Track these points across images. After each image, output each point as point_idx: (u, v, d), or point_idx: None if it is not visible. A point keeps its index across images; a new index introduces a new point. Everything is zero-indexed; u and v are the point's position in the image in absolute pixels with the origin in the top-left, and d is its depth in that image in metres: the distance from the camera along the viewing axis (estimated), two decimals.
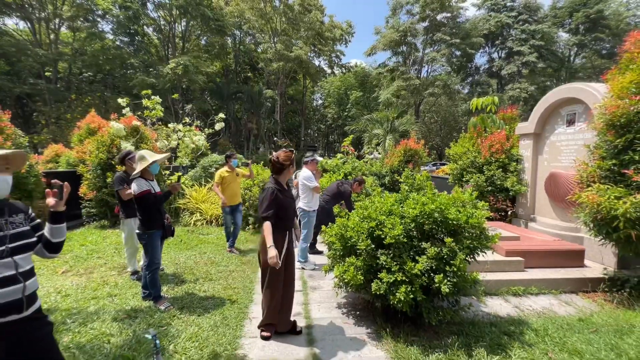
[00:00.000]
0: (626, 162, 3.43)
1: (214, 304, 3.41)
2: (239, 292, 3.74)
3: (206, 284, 3.92)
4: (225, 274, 4.29)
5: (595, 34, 29.07)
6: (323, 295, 3.80)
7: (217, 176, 5.19)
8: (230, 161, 5.31)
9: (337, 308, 3.46)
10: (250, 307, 3.41)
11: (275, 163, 2.81)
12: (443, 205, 2.85)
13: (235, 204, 5.28)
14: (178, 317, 3.13)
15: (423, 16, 28.55)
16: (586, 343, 2.66)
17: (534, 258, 4.26)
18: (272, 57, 27.67)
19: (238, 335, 2.85)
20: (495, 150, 6.41)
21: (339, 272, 3.06)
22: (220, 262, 4.77)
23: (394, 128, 17.48)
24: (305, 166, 4.77)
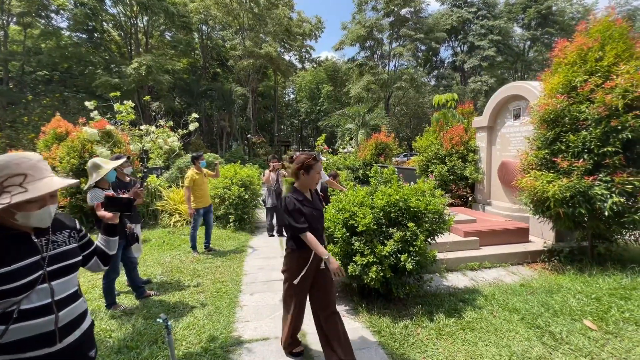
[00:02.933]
0: (556, 151, 4.07)
1: (206, 297, 3.69)
2: (228, 284, 4.03)
3: (195, 280, 4.18)
4: (212, 270, 4.55)
5: (546, 28, 31.33)
6: None
7: (188, 180, 5.13)
8: (198, 162, 5.35)
9: None
10: (239, 296, 3.73)
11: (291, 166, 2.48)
12: (406, 195, 3.31)
13: (207, 206, 5.39)
14: (172, 311, 3.39)
15: (387, 11, 29.35)
16: (523, 302, 3.25)
17: (488, 237, 4.89)
18: (241, 54, 27.34)
19: (231, 320, 3.17)
20: (456, 142, 7.06)
21: None
22: (205, 259, 5.01)
23: (366, 122, 18.11)
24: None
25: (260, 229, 7.06)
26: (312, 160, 2.38)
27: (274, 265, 4.81)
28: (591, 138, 3.70)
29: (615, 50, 3.82)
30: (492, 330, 2.84)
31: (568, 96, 4.01)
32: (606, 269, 3.86)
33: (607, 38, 3.94)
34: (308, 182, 2.40)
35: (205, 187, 5.44)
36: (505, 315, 3.05)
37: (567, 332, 2.73)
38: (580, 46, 4.07)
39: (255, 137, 29.31)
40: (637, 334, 2.66)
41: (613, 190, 3.56)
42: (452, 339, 2.74)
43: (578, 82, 3.92)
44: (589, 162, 3.73)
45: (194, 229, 5.29)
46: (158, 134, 9.44)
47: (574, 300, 3.20)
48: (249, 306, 3.51)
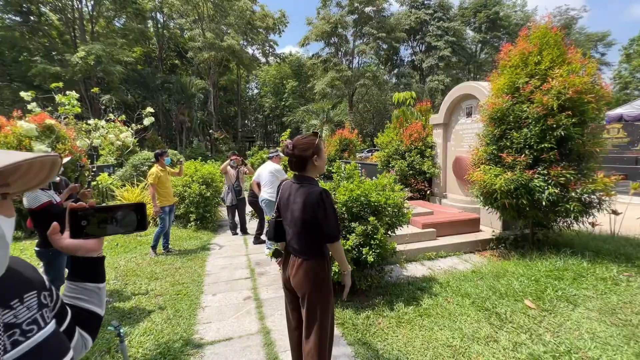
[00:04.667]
0: (502, 147, 4.42)
1: (165, 300, 3.53)
2: (188, 286, 3.89)
3: (153, 283, 3.98)
4: (171, 272, 4.36)
5: (494, 32, 33.63)
6: (270, 279, 4.17)
7: (153, 177, 4.95)
8: (162, 159, 5.17)
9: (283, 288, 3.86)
10: (201, 297, 3.62)
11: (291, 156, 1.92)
12: (367, 190, 3.41)
13: (171, 204, 5.23)
14: (127, 317, 3.20)
15: (351, 9, 29.69)
16: (474, 287, 3.51)
17: (444, 228, 5.20)
18: (201, 46, 26.17)
19: (192, 323, 3.07)
20: (414, 138, 7.38)
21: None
22: (164, 261, 4.79)
23: (330, 118, 18.28)
24: (271, 160, 5.19)
25: (224, 227, 6.88)
26: (319, 139, 1.97)
27: (238, 264, 4.73)
28: (531, 135, 4.06)
29: (551, 55, 4.21)
30: (447, 315, 3.03)
31: (512, 96, 4.36)
32: (544, 253, 4.28)
33: (544, 44, 4.33)
34: (323, 166, 1.98)
35: (169, 185, 5.30)
36: (458, 301, 3.27)
37: (510, 312, 3.00)
38: (522, 50, 4.43)
39: (218, 132, 28.33)
40: (567, 309, 3.00)
41: (549, 182, 3.95)
42: (410, 326, 2.88)
43: (520, 84, 4.27)
44: (529, 157, 4.10)
45: (161, 228, 5.09)
46: (109, 129, 8.77)
47: (516, 283, 3.51)
48: (211, 307, 3.42)
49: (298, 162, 1.92)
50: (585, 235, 4.95)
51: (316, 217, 1.83)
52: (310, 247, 1.91)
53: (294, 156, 1.91)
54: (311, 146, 1.91)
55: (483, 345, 2.58)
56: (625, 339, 2.53)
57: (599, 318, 2.84)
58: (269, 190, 4.92)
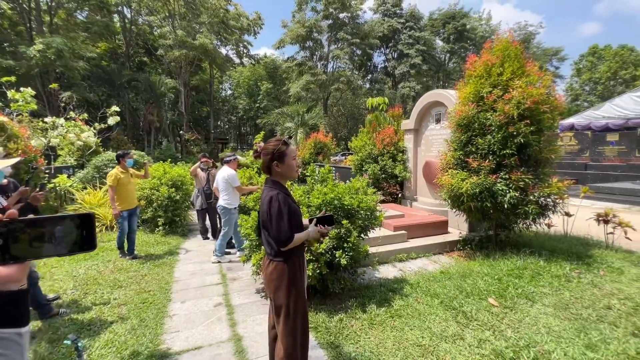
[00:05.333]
0: (468, 153, 4.64)
1: (129, 309, 3.35)
2: (155, 294, 3.72)
3: (116, 292, 3.76)
4: (137, 279, 4.15)
5: (461, 43, 35.36)
6: (242, 284, 4.08)
7: (112, 178, 4.73)
8: (124, 161, 4.95)
9: (256, 293, 3.80)
10: (168, 305, 3.47)
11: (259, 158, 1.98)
12: (340, 194, 3.45)
13: (132, 208, 5.01)
14: (87, 329, 3.00)
15: (326, 14, 30.04)
16: (442, 288, 3.64)
17: (414, 230, 5.36)
18: (172, 44, 25.30)
19: (159, 332, 2.94)
20: (387, 143, 7.57)
21: (256, 260, 3.39)
22: (129, 268, 4.55)
23: (305, 122, 18.30)
24: (227, 165, 4.89)
25: (194, 232, 6.66)
26: (283, 145, 1.97)
27: (209, 270, 4.59)
28: (494, 142, 4.31)
29: (511, 67, 4.49)
30: (417, 315, 3.12)
31: (477, 105, 4.60)
32: (506, 253, 4.53)
33: (506, 57, 4.61)
34: (287, 172, 1.98)
35: (132, 187, 5.05)
36: (427, 301, 3.38)
37: (476, 310, 3.14)
38: (486, 62, 4.70)
39: (189, 133, 27.44)
40: (526, 306, 3.19)
41: (510, 186, 4.20)
42: (382, 327, 2.94)
43: (484, 93, 4.52)
44: (493, 162, 4.34)
45: (122, 233, 4.88)
46: (68, 128, 8.23)
47: (481, 282, 3.69)
48: (179, 315, 3.29)
49: (264, 166, 2.01)
50: (542, 236, 5.30)
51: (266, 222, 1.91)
52: (274, 250, 1.94)
53: (263, 157, 1.99)
54: (270, 152, 1.95)
55: (450, 343, 2.68)
56: (577, 331, 2.73)
57: (554, 313, 3.05)
58: (224, 197, 4.74)
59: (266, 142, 2.04)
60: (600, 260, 4.25)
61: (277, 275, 1.91)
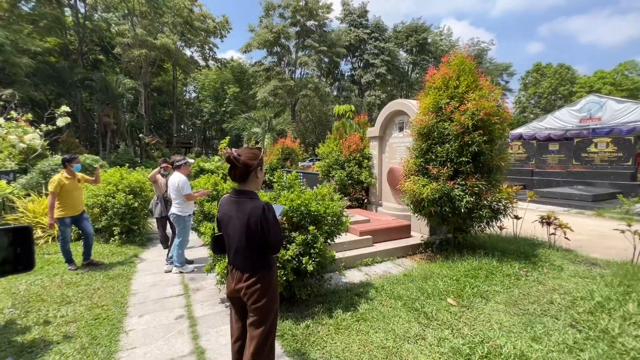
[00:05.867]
0: (428, 160, 4.89)
1: (79, 327, 3.10)
2: (110, 309, 3.48)
3: (64, 309, 3.46)
4: (88, 294, 3.84)
5: (423, 55, 37.30)
6: (206, 294, 3.94)
7: (54, 184, 4.44)
8: (70, 166, 4.64)
9: (220, 303, 3.68)
10: (124, 320, 3.26)
11: (236, 164, 1.90)
12: (307, 200, 3.47)
13: (77, 214, 4.71)
14: (28, 351, 2.73)
15: (294, 21, 30.27)
16: (405, 290, 3.78)
17: (379, 235, 5.51)
18: (131, 43, 24.03)
19: (113, 350, 2.75)
20: (353, 150, 7.75)
21: (220, 269, 3.30)
22: (79, 281, 4.21)
23: (272, 127, 18.18)
24: (178, 170, 4.63)
25: (154, 241, 6.32)
26: (261, 153, 2.04)
27: (170, 280, 4.38)
28: (452, 150, 4.58)
29: (466, 80, 4.83)
30: (381, 318, 3.21)
31: (436, 115, 4.87)
32: (463, 255, 4.81)
33: (462, 71, 4.95)
34: (260, 182, 2.05)
35: (78, 194, 4.74)
36: (391, 303, 3.48)
37: (436, 310, 3.30)
38: (444, 75, 5.01)
39: (149, 137, 26.08)
40: (481, 304, 3.41)
41: (466, 192, 4.48)
42: (348, 332, 2.98)
43: (443, 104, 4.81)
44: (450, 169, 4.61)
45: (64, 242, 4.55)
46: (9, 129, 7.49)
47: (441, 283, 3.88)
48: (136, 330, 3.10)
49: (243, 171, 1.92)
50: (494, 238, 5.69)
51: (261, 233, 1.87)
52: (256, 262, 1.94)
53: (241, 163, 1.89)
54: (257, 157, 1.96)
55: (413, 343, 2.79)
56: (524, 325, 2.97)
57: (505, 310, 3.29)
58: (177, 204, 4.53)
59: (240, 149, 2.03)
60: (544, 259, 4.65)
61: (265, 284, 1.93)
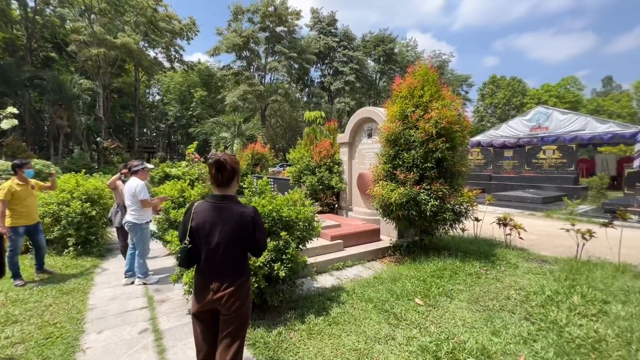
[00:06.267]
0: (396, 166, 5.08)
1: (27, 348, 2.83)
2: (64, 326, 3.22)
3: (9, 329, 3.15)
4: (39, 311, 3.53)
5: (390, 65, 38.74)
6: (173, 305, 3.77)
7: (4, 192, 4.11)
8: (22, 172, 4.32)
9: (188, 315, 3.54)
10: (81, 338, 3.04)
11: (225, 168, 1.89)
12: (279, 206, 3.46)
13: (32, 224, 4.41)
14: None
15: (263, 26, 30.23)
16: (375, 292, 3.87)
17: (350, 239, 5.60)
18: (88, 40, 22.62)
19: None
20: (324, 155, 7.84)
21: (188, 278, 3.18)
22: (27, 298, 3.85)
23: (242, 132, 17.89)
24: (135, 175, 4.40)
25: (114, 252, 5.94)
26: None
27: (132, 293, 4.14)
28: (417, 156, 4.80)
29: (430, 90, 5.10)
30: (353, 320, 3.26)
31: (403, 122, 5.09)
32: (429, 256, 5.02)
33: (426, 81, 5.22)
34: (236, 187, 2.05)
35: (32, 201, 4.44)
36: (362, 306, 3.56)
37: (405, 310, 3.41)
38: (409, 84, 5.25)
39: (108, 141, 24.56)
40: (446, 302, 3.58)
41: (431, 196, 4.71)
42: (320, 336, 3.00)
43: (409, 112, 5.03)
44: (416, 175, 4.82)
45: (13, 253, 4.19)
46: None
47: (409, 284, 4.02)
48: (95, 348, 2.90)
49: (230, 175, 1.93)
50: (457, 239, 6.01)
51: (251, 237, 1.92)
52: (239, 268, 1.96)
53: (230, 167, 1.91)
54: (238, 163, 2.03)
55: (383, 344, 2.86)
56: (485, 321, 3.16)
57: (468, 307, 3.48)
58: (132, 212, 4.31)
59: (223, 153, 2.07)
60: (501, 258, 4.98)
61: (246, 290, 1.96)
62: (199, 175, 8.44)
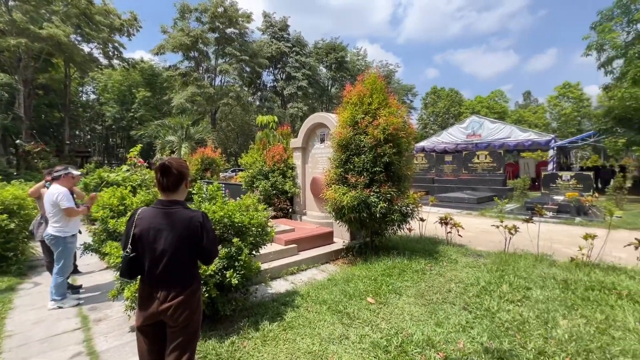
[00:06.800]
0: (347, 170, 5.25)
1: None
2: None
3: None
4: None
5: (341, 72, 39.95)
6: (112, 324, 3.45)
7: None
8: None
9: (130, 332, 3.27)
10: None
11: (171, 172, 1.83)
12: (230, 211, 3.38)
13: None
14: None
15: (213, 27, 29.27)
16: (329, 294, 3.95)
17: (304, 243, 5.64)
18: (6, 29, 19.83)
19: None
20: (277, 160, 7.81)
21: (130, 292, 2.95)
22: None
23: (190, 135, 17.04)
24: (57, 182, 3.98)
25: (38, 269, 5.26)
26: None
27: (62, 314, 3.71)
28: (367, 160, 5.02)
29: (378, 98, 5.38)
30: (307, 324, 3.28)
31: (353, 128, 5.29)
32: (379, 256, 5.26)
33: (374, 89, 5.49)
34: (186, 192, 2.00)
35: None
36: (316, 308, 3.60)
37: (357, 309, 3.53)
38: (359, 92, 5.48)
39: (31, 143, 21.63)
40: (395, 299, 3.78)
41: (381, 198, 4.95)
42: (275, 342, 2.97)
43: (358, 119, 5.25)
44: (367, 178, 5.03)
45: None
46: None
47: (361, 284, 4.17)
48: None
49: (177, 180, 1.86)
50: (405, 239, 6.38)
51: (199, 243, 1.84)
52: (188, 276, 1.88)
53: (176, 171, 1.84)
54: (188, 167, 1.98)
55: (337, 344, 2.93)
56: (429, 313, 3.40)
57: (415, 302, 3.71)
58: (54, 224, 3.89)
59: (170, 157, 2.01)
60: (443, 254, 5.40)
61: (196, 299, 1.90)
62: (142, 181, 7.86)
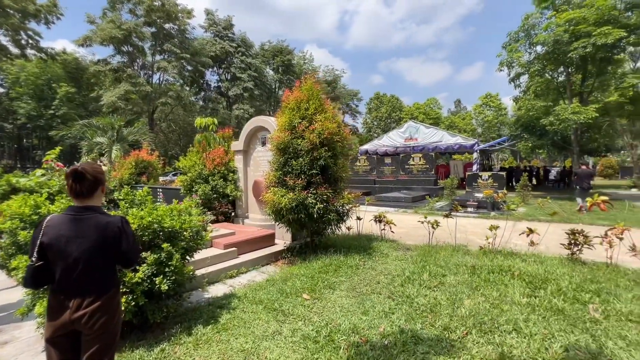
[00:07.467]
0: (286, 172, 5.41)
1: None
2: None
3: None
4: None
5: (288, 75, 40.12)
6: (21, 345, 3.13)
7: None
8: None
9: (44, 352, 3.00)
10: None
11: (85, 177, 1.77)
12: (160, 216, 3.30)
13: None
14: None
15: (149, 21, 27.35)
16: (266, 294, 4.05)
17: (244, 246, 5.64)
18: None
19: None
20: (217, 163, 7.66)
21: (43, 307, 2.73)
22: None
23: (123, 137, 15.72)
24: None
25: None
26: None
27: None
28: (304, 163, 5.23)
29: (315, 104, 5.63)
30: (242, 324, 3.34)
31: (291, 132, 5.46)
32: (318, 255, 5.49)
33: (311, 95, 5.74)
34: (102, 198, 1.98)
35: None
36: (253, 308, 3.68)
37: (292, 306, 3.68)
38: (297, 97, 5.68)
39: None
40: (329, 294, 4.02)
41: (318, 200, 5.19)
42: (208, 345, 2.98)
43: (296, 123, 5.44)
44: (304, 180, 5.24)
45: None
46: None
47: (298, 282, 4.34)
48: None
49: (92, 185, 1.82)
50: (343, 237, 6.72)
51: (118, 248, 1.83)
52: (106, 282, 1.86)
53: (91, 176, 1.80)
54: (103, 172, 1.94)
55: (270, 340, 3.05)
56: (358, 304, 3.70)
57: (346, 295, 3.99)
58: None
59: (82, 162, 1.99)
60: (377, 250, 5.84)
61: (114, 305, 1.88)
62: (61, 187, 7.11)
